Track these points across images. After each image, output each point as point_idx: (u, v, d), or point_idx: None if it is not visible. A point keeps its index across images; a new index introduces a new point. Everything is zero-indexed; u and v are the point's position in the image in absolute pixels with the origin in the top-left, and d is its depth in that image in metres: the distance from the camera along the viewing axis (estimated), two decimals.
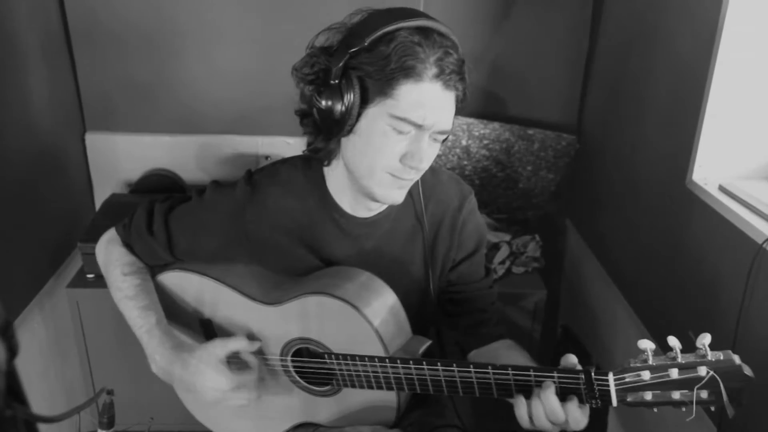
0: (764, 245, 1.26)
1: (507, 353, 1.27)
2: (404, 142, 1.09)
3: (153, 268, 1.35)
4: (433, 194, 1.26)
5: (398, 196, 1.15)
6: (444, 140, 1.14)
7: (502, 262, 2.16)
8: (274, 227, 1.23)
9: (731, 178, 1.51)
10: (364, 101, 1.07)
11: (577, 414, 1.01)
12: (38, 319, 1.95)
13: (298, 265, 1.26)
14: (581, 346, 2.23)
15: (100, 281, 2.03)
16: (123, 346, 2.07)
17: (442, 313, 1.35)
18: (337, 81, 1.06)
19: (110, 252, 1.33)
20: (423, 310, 1.32)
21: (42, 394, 1.98)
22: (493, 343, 1.31)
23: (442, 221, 1.27)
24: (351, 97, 1.06)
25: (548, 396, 1.01)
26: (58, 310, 2.05)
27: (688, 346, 0.95)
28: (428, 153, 1.11)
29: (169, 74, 2.28)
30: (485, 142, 2.28)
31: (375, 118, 1.08)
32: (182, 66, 2.27)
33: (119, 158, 2.35)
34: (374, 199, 1.17)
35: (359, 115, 1.08)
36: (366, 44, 1.04)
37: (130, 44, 2.23)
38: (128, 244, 1.32)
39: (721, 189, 1.48)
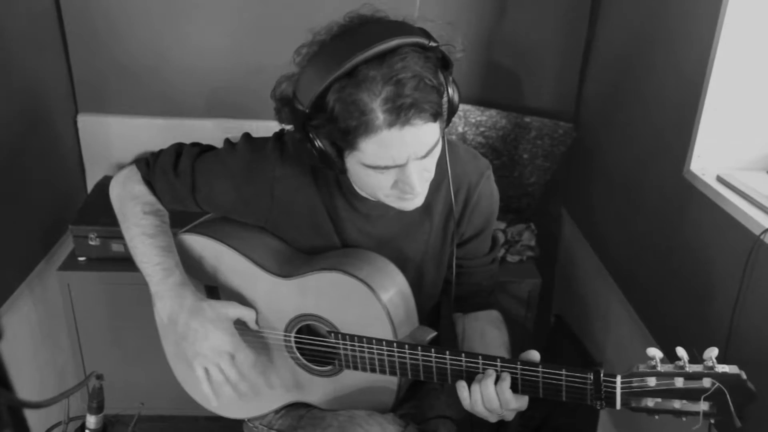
0: (761, 236, 1.25)
1: (483, 327, 1.30)
2: (391, 174, 1.06)
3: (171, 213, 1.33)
4: (449, 170, 1.23)
5: (414, 205, 1.13)
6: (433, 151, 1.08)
7: None
8: (300, 192, 1.22)
9: (729, 169, 1.50)
10: (339, 150, 1.05)
11: (508, 395, 1.04)
12: (29, 303, 1.93)
13: (316, 236, 1.25)
14: (574, 335, 2.23)
15: (91, 264, 2.02)
16: (114, 329, 2.07)
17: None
18: (306, 141, 1.05)
19: (129, 188, 1.29)
20: (434, 291, 1.34)
21: (32, 378, 1.97)
22: (478, 312, 1.33)
23: (456, 197, 1.25)
24: (325, 150, 1.04)
25: (488, 384, 1.04)
26: (49, 293, 2.04)
27: (695, 360, 0.96)
28: (420, 176, 1.07)
29: (162, 56, 2.25)
30: (481, 129, 2.26)
31: (353, 164, 1.06)
32: (176, 48, 2.24)
33: (112, 140, 2.33)
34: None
35: (342, 157, 1.06)
36: (308, 111, 1.00)
37: (123, 25, 2.20)
38: (149, 183, 1.28)
39: (719, 180, 1.47)
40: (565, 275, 2.47)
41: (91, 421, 1.26)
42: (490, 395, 1.05)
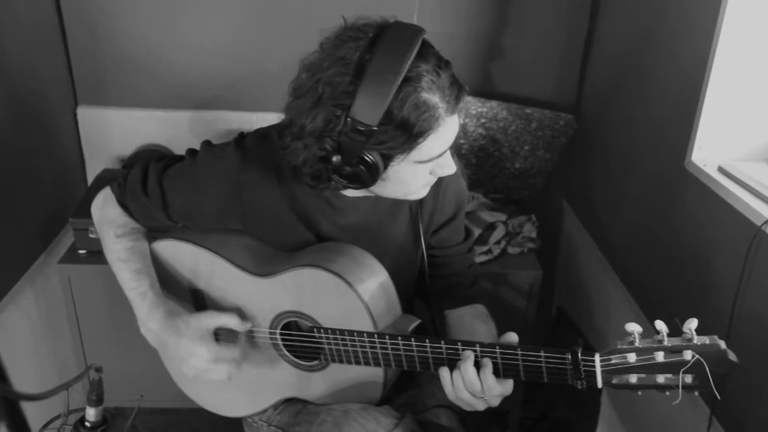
0: (763, 227, 1.25)
1: (471, 322, 1.30)
2: (431, 163, 1.09)
3: (149, 230, 1.34)
4: None
5: (428, 190, 1.17)
6: None
7: (498, 242, 2.15)
8: (267, 194, 1.21)
9: (731, 160, 1.50)
10: (387, 160, 1.05)
11: (491, 380, 1.05)
12: (29, 296, 1.93)
13: (291, 234, 1.25)
14: (576, 327, 2.23)
15: (91, 257, 2.01)
16: (115, 322, 2.07)
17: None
18: (355, 163, 1.03)
19: (105, 212, 1.31)
20: (411, 280, 1.34)
21: (33, 371, 1.97)
22: (464, 308, 1.34)
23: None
24: (375, 169, 1.04)
25: (467, 368, 1.05)
26: (50, 286, 2.04)
27: (675, 332, 0.96)
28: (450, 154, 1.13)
29: (162, 48, 2.24)
30: (482, 120, 2.25)
31: (401, 167, 1.07)
32: (176, 39, 2.23)
33: (112, 133, 2.32)
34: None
35: (386, 167, 1.06)
36: (376, 127, 0.99)
37: (122, 17, 2.19)
38: (123, 204, 1.30)
39: (721, 170, 1.47)
40: (566, 267, 2.46)
41: (91, 413, 1.26)
42: (470, 378, 1.05)
